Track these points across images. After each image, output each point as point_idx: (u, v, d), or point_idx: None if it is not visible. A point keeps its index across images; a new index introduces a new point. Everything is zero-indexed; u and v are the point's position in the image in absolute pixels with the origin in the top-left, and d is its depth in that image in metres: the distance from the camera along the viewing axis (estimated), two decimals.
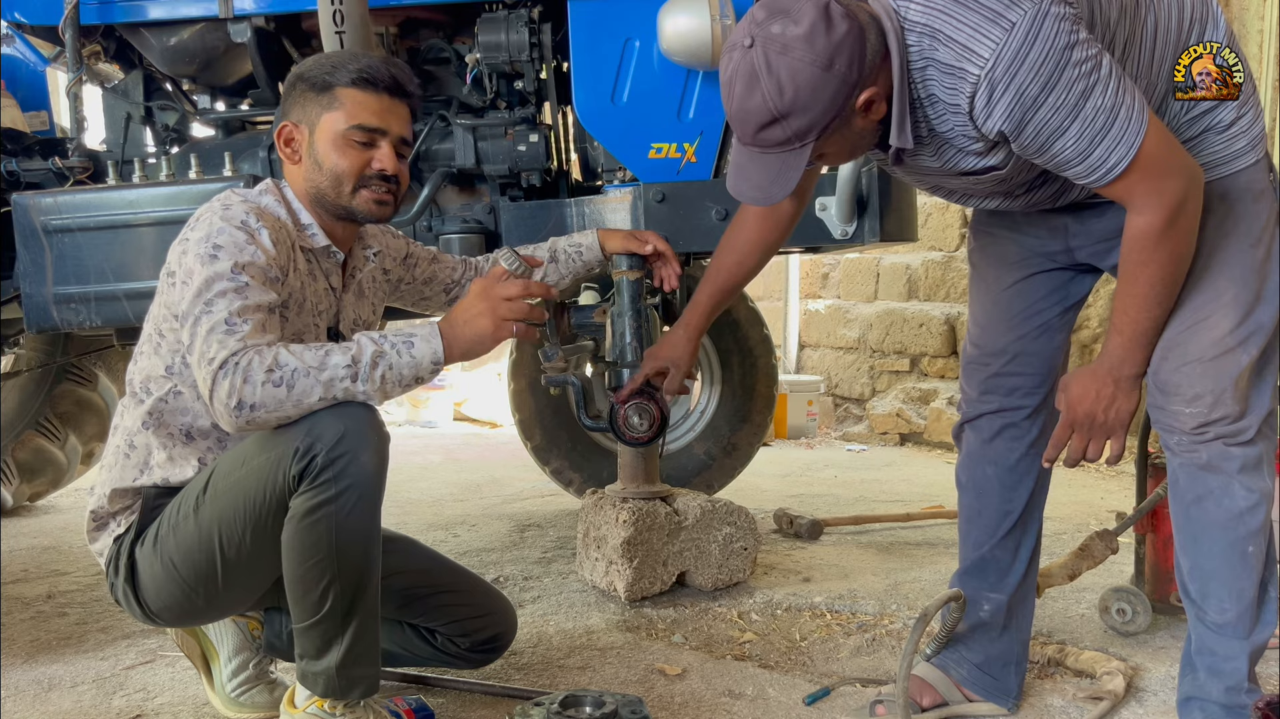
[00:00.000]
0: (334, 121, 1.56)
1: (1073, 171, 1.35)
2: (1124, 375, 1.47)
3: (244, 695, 1.73)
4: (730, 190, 1.44)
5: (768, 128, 1.32)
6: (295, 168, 1.61)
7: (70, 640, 2.18)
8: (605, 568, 2.36)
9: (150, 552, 1.55)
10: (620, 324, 2.07)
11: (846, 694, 1.83)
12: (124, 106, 2.65)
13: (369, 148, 1.57)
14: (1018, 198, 1.54)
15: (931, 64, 1.32)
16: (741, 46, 1.30)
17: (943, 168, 1.46)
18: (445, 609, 1.77)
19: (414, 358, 1.44)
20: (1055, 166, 1.36)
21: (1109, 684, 1.79)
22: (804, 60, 1.27)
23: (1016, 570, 1.74)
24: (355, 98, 1.56)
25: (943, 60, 1.30)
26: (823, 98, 1.29)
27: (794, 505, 3.33)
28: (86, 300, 2.29)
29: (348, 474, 1.40)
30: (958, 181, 1.51)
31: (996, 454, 1.71)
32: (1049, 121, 1.29)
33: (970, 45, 1.28)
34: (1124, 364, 1.47)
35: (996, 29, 1.26)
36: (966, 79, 1.29)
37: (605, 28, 2.30)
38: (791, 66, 1.27)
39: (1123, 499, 3.41)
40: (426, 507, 3.61)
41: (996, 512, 1.72)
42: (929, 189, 1.61)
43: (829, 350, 5.84)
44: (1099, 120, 1.29)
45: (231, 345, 1.38)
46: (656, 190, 2.30)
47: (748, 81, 1.30)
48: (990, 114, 1.30)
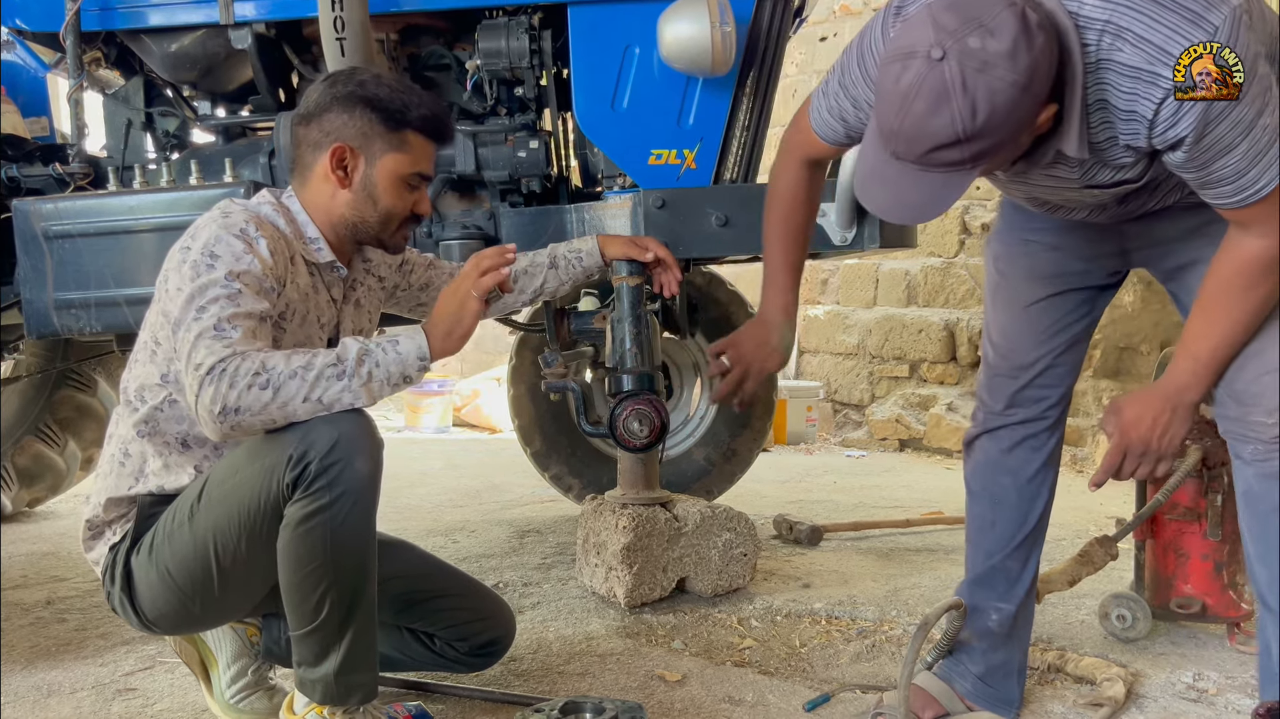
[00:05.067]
0: (399, 164, 1.58)
1: (1219, 190, 1.28)
2: (1185, 402, 1.42)
3: (243, 702, 1.73)
4: (867, 204, 1.33)
5: (945, 149, 1.20)
6: (338, 190, 1.59)
7: (69, 646, 2.17)
8: (605, 574, 2.36)
9: (146, 560, 1.55)
10: (620, 330, 2.07)
11: (846, 701, 1.82)
12: (125, 112, 2.65)
13: (415, 190, 1.62)
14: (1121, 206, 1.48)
15: (1109, 66, 1.22)
16: (928, 58, 1.17)
17: (1077, 179, 1.37)
18: (443, 613, 1.77)
19: (400, 354, 1.43)
20: (1201, 183, 1.29)
21: (1109, 690, 1.79)
22: (1005, 80, 1.15)
23: (1024, 581, 1.73)
24: (421, 145, 1.60)
25: (1126, 62, 1.21)
26: (1015, 120, 1.19)
27: (794, 511, 3.33)
28: (87, 306, 2.28)
29: (342, 481, 1.40)
30: (1076, 194, 1.43)
31: (1015, 465, 1.69)
32: (1224, 136, 1.22)
33: (1167, 48, 1.18)
34: (1189, 390, 1.41)
35: (1199, 31, 1.18)
36: (1158, 84, 1.20)
37: (605, 34, 2.31)
38: (991, 87, 1.15)
39: (1122, 505, 3.40)
40: (426, 512, 3.61)
41: (1012, 522, 1.70)
42: (1030, 199, 1.54)
43: (828, 356, 5.84)
44: (1263, 140, 1.23)
45: (219, 351, 1.37)
46: (656, 196, 2.30)
47: (935, 99, 1.17)
48: (1176, 123, 1.22)
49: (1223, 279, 1.35)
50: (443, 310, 1.51)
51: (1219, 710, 1.79)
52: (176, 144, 2.69)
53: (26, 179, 2.53)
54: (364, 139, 1.57)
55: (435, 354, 1.47)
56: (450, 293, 1.52)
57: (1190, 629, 2.19)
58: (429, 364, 1.47)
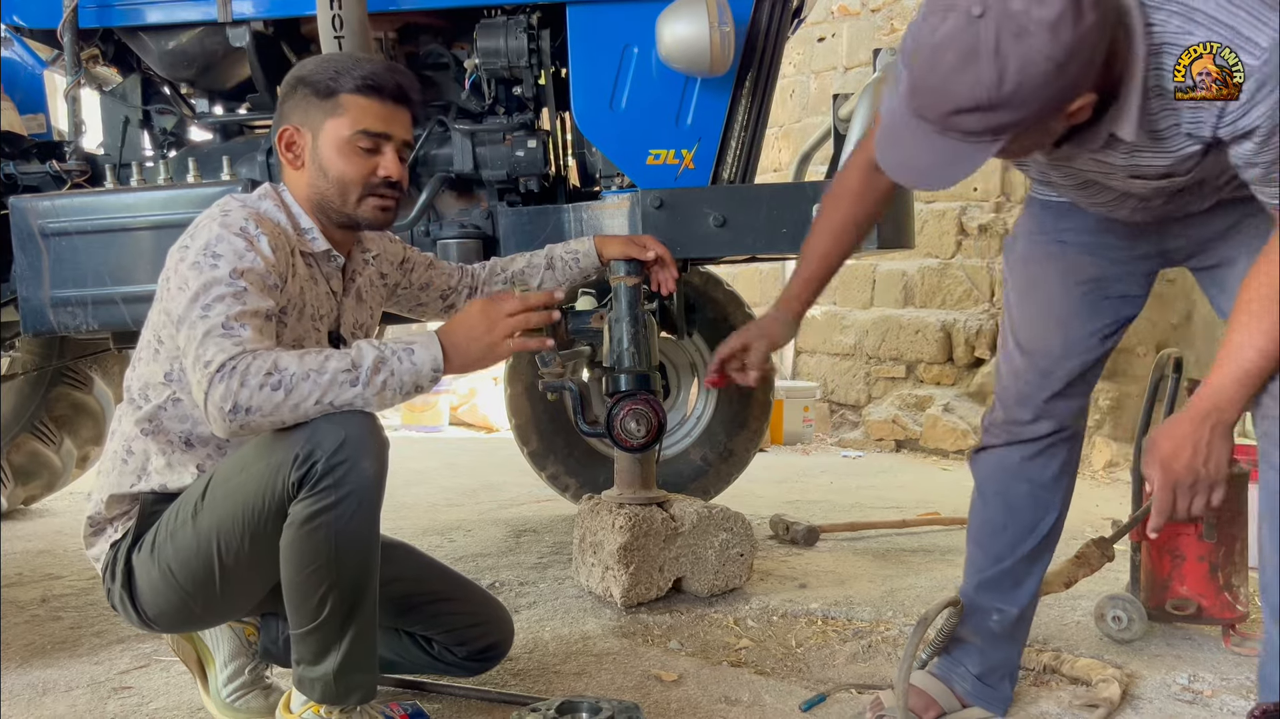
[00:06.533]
0: (338, 127, 1.56)
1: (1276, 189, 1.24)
2: (1224, 421, 1.32)
3: (239, 701, 1.73)
4: (880, 160, 1.28)
5: (965, 114, 1.14)
6: (298, 173, 1.60)
7: (65, 645, 2.17)
8: (601, 574, 2.36)
9: (148, 558, 1.55)
10: (618, 330, 2.06)
11: (842, 701, 1.83)
12: (122, 110, 2.65)
13: (373, 154, 1.57)
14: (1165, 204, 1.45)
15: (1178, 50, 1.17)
16: (967, 12, 1.11)
17: (1127, 166, 1.32)
18: (442, 617, 1.77)
19: (414, 364, 1.43)
20: (1264, 178, 1.25)
21: (1105, 691, 1.80)
22: (1041, 53, 1.09)
23: (1030, 585, 1.72)
24: (360, 104, 1.56)
25: None
26: (1043, 97, 1.12)
27: (790, 512, 3.33)
28: (83, 304, 2.28)
29: (348, 481, 1.40)
30: (1123, 183, 1.38)
31: (1034, 472, 1.67)
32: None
33: (1244, 30, 1.13)
34: (1228, 408, 1.32)
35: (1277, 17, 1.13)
36: None
37: (604, 34, 2.31)
38: (1025, 56, 1.09)
39: (1118, 507, 3.41)
40: (422, 511, 3.61)
41: (1025, 528, 1.69)
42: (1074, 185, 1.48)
43: (825, 356, 5.85)
44: None
45: (229, 349, 1.37)
46: (654, 196, 2.30)
47: (963, 56, 1.11)
48: (1249, 110, 1.16)
49: (1264, 289, 1.28)
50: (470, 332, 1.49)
51: (1214, 712, 1.80)
52: (174, 142, 2.69)
53: (23, 176, 2.53)
54: (304, 115, 1.57)
55: (450, 371, 1.48)
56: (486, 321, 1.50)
57: (1185, 631, 2.19)
58: (441, 377, 1.47)
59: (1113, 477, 4.07)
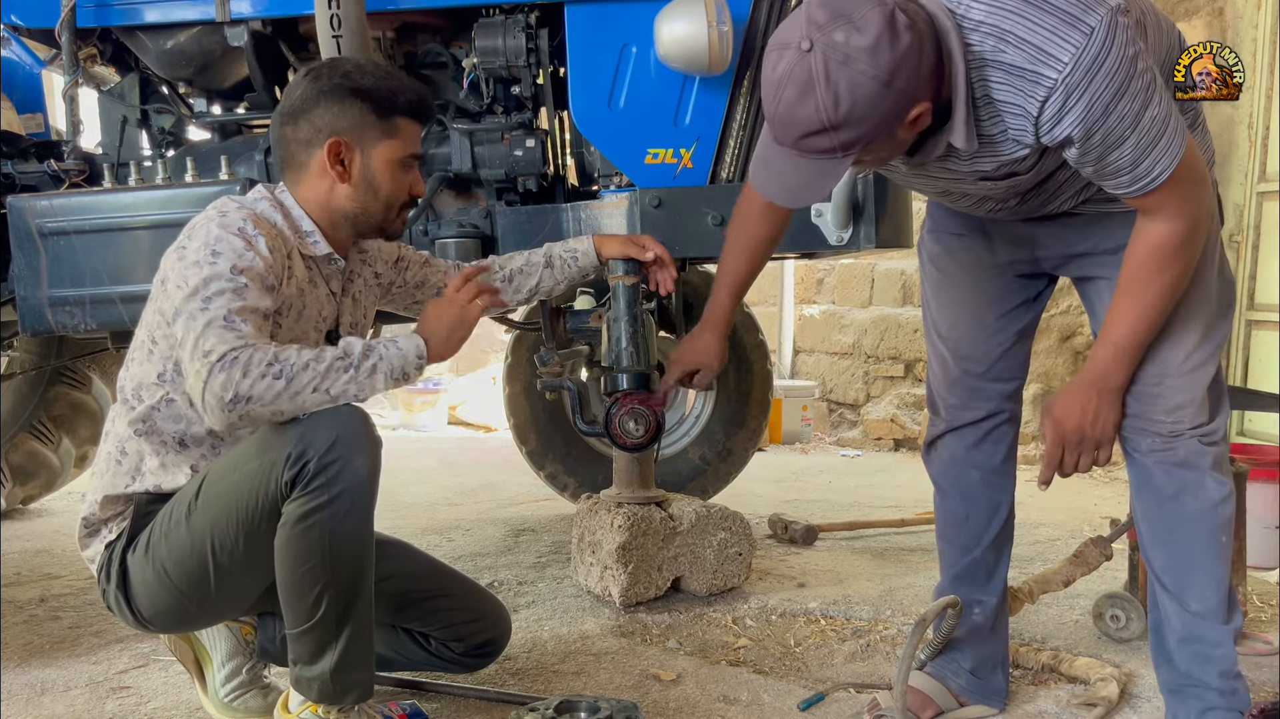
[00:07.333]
0: (392, 149, 1.60)
1: (1116, 180, 1.34)
2: (1110, 388, 1.48)
3: (237, 700, 1.73)
4: (756, 186, 1.40)
5: (814, 136, 1.26)
6: (338, 184, 1.60)
7: (63, 644, 2.17)
8: (600, 573, 2.36)
9: (142, 558, 1.55)
10: (616, 329, 2.07)
11: (841, 700, 1.83)
12: (120, 109, 2.64)
13: (410, 172, 1.64)
14: (1020, 204, 1.53)
15: (994, 66, 1.27)
16: (798, 48, 1.22)
17: (971, 171, 1.43)
18: (439, 613, 1.77)
19: (400, 350, 1.47)
20: (1099, 175, 1.35)
21: (1103, 690, 1.80)
22: (866, 75, 1.21)
23: (1001, 571, 1.78)
24: (410, 128, 1.62)
25: (1010, 63, 1.26)
26: (878, 113, 1.23)
27: (789, 511, 3.33)
28: (81, 303, 2.28)
29: (340, 480, 1.40)
30: (975, 186, 1.48)
31: (982, 459, 1.73)
32: (1114, 130, 1.27)
33: (1046, 49, 1.23)
34: (1111, 375, 1.48)
35: (1076, 33, 1.22)
36: (1040, 83, 1.25)
37: (602, 33, 2.30)
38: (852, 80, 1.21)
39: (1116, 506, 3.41)
40: (421, 511, 3.61)
41: (984, 515, 1.74)
42: (937, 193, 1.59)
43: (824, 356, 5.85)
44: (1153, 131, 1.28)
45: (231, 340, 1.38)
46: (653, 195, 2.30)
47: (801, 88, 1.23)
48: (1060, 120, 1.27)
49: (1135, 265, 1.41)
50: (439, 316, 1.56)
51: None
52: (172, 141, 2.69)
53: (21, 175, 2.52)
54: (357, 130, 1.58)
55: (434, 354, 1.51)
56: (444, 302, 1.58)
57: None
58: (425, 363, 1.50)
59: (1111, 476, 4.07)
